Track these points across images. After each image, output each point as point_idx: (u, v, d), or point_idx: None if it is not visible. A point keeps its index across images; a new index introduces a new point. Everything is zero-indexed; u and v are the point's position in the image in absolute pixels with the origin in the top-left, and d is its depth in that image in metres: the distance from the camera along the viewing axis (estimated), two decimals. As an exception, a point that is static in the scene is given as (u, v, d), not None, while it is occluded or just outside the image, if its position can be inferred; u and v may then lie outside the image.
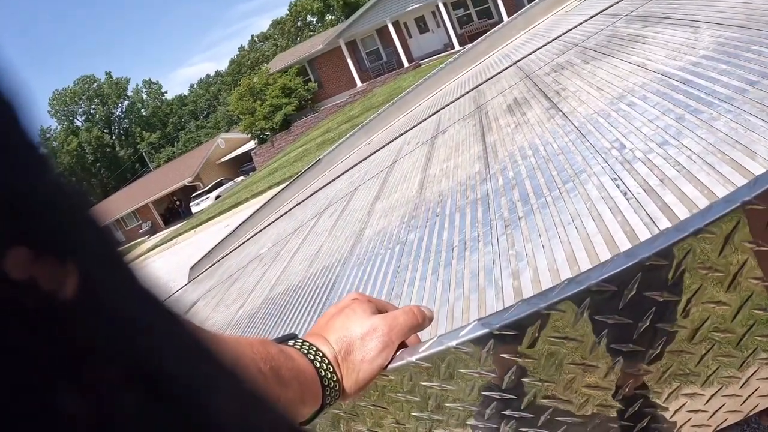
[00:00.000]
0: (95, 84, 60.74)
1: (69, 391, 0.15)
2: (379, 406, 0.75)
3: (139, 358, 0.17)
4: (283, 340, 0.63)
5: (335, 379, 0.61)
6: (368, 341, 0.64)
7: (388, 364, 0.66)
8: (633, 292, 0.59)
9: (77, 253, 0.17)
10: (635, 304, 0.59)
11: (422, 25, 28.00)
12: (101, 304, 0.17)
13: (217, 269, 5.53)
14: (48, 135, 58.81)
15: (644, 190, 1.36)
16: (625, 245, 1.16)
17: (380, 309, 0.69)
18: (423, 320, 0.69)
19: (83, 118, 60.46)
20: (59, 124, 59.33)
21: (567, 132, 1.98)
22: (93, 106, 60.66)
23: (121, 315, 0.18)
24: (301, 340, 0.63)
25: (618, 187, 1.43)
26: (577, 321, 0.61)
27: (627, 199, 1.35)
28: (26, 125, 0.16)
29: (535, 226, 1.43)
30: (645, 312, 0.60)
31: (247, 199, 20.99)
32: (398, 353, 0.67)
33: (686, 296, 0.60)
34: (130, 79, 63.21)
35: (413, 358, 0.66)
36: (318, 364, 0.60)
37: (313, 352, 0.61)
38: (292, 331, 2.08)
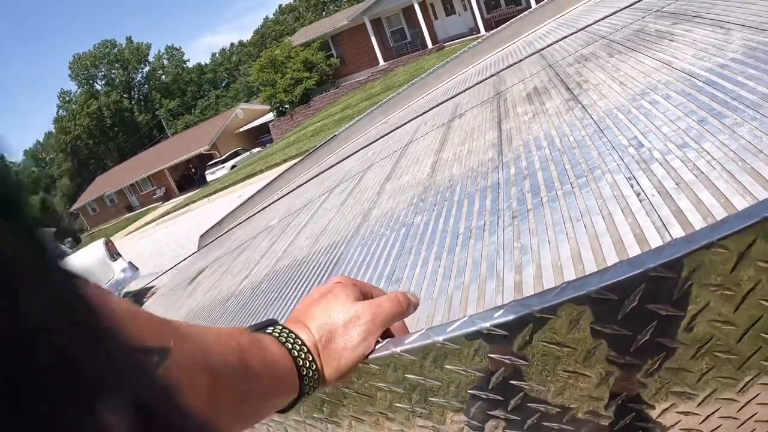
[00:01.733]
0: (116, 49, 60.79)
1: None
2: (364, 394, 0.73)
3: None
4: (262, 326, 0.61)
5: (314, 367, 0.59)
6: (351, 329, 0.62)
7: (371, 352, 0.64)
8: (635, 303, 0.55)
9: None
10: (636, 316, 0.55)
11: (449, 7, 27.62)
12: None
13: (226, 239, 5.55)
14: (68, 98, 59.14)
15: (659, 193, 1.32)
16: (633, 248, 1.13)
17: (365, 294, 0.67)
18: (408, 307, 0.67)
19: (103, 82, 60.63)
20: (79, 87, 59.56)
21: (585, 125, 1.93)
22: (113, 71, 60.78)
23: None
24: (280, 327, 0.61)
25: (632, 186, 1.38)
26: (573, 327, 0.57)
27: (640, 201, 1.31)
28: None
29: (543, 220, 1.39)
30: (646, 325, 0.56)
31: (261, 171, 21.03)
32: (383, 343, 0.65)
33: (691, 312, 0.56)
34: (151, 44, 63.23)
35: (398, 350, 0.63)
36: (296, 353, 0.58)
37: (292, 340, 0.59)
38: (289, 309, 2.06)
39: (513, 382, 0.65)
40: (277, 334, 0.59)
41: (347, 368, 0.63)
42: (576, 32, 4.13)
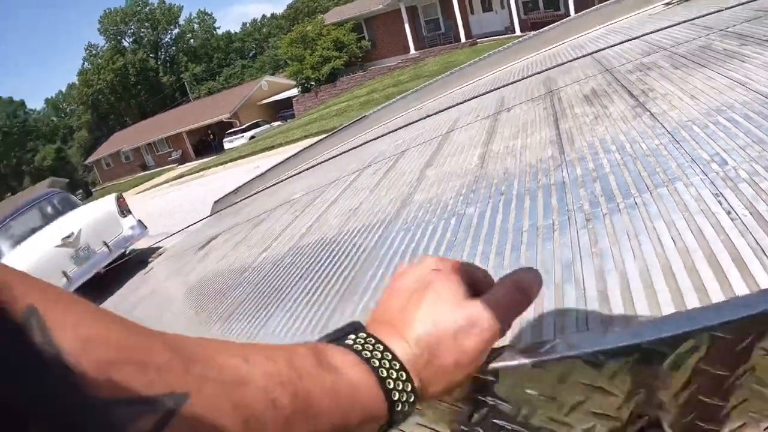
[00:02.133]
0: (147, 8, 60.96)
1: None
2: (450, 404, 0.62)
3: None
4: (339, 336, 0.46)
5: (409, 389, 0.44)
6: (464, 339, 0.47)
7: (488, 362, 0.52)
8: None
9: None
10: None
11: (486, 4, 27.33)
12: None
13: (242, 208, 5.47)
14: (95, 52, 59.42)
15: (750, 213, 1.20)
16: (731, 270, 1.01)
17: (471, 284, 0.52)
18: (531, 298, 0.52)
19: (131, 39, 60.88)
20: (107, 42, 59.82)
21: (657, 134, 1.81)
22: (143, 30, 61.00)
23: None
24: (363, 336, 0.46)
25: (720, 203, 1.27)
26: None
27: (731, 219, 1.19)
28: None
29: (623, 227, 1.28)
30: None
31: (281, 144, 21.01)
32: (504, 351, 0.54)
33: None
34: (183, 7, 63.35)
35: (528, 362, 0.52)
36: (385, 373, 0.43)
37: (379, 356, 0.44)
38: (319, 287, 1.94)
39: (646, 409, 0.54)
40: (360, 347, 0.44)
41: (457, 386, 0.50)
42: (631, 39, 3.99)
